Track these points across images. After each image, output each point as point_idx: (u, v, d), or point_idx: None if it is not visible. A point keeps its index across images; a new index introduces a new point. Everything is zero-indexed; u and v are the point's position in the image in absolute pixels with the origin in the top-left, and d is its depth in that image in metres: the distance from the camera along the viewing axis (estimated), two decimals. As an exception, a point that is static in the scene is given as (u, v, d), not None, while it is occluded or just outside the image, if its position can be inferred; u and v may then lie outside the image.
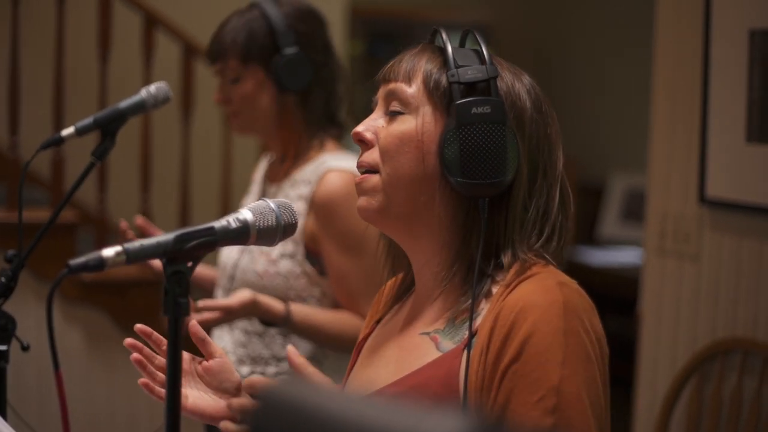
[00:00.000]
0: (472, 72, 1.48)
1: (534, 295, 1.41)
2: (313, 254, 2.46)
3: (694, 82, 3.15)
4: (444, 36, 1.53)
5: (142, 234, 2.49)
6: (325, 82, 2.55)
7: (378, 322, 1.71)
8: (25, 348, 1.97)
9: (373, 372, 1.59)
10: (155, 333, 1.64)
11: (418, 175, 1.49)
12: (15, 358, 1.98)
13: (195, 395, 1.63)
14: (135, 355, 1.61)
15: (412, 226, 1.53)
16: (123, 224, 2.41)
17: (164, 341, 1.62)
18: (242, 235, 1.40)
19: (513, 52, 8.32)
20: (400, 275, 1.69)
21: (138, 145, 4.40)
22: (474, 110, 1.45)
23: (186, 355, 1.63)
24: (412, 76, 1.53)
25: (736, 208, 3.02)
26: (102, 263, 1.27)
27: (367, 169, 1.54)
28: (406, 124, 1.51)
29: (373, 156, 1.54)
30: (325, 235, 2.43)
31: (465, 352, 1.43)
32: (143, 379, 1.62)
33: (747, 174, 2.97)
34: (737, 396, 2.97)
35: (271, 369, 2.47)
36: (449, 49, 1.51)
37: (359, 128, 1.56)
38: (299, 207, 2.44)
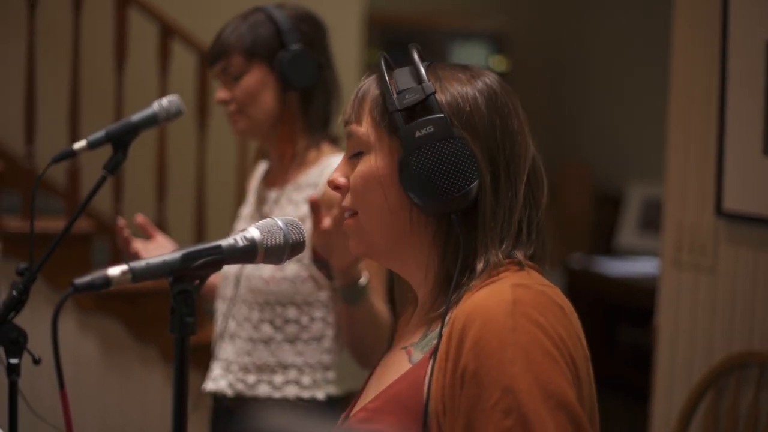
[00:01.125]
0: (409, 95, 1.48)
1: (483, 299, 1.41)
2: (320, 258, 2.44)
3: (710, 93, 3.13)
4: (382, 63, 1.53)
5: (142, 233, 2.49)
6: (325, 85, 2.54)
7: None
8: (36, 362, 1.97)
9: (366, 392, 1.60)
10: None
11: (387, 210, 1.51)
12: (30, 370, 1.98)
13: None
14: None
15: (398, 255, 1.55)
16: (121, 222, 2.40)
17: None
18: (250, 253, 1.39)
19: (528, 61, 8.33)
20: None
21: (154, 155, 4.41)
22: (417, 134, 1.45)
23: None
24: (361, 115, 1.55)
25: (753, 221, 3.00)
26: (108, 282, 1.27)
27: (350, 213, 1.57)
28: (366, 163, 1.53)
29: (348, 200, 1.56)
30: None
31: (431, 360, 1.43)
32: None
33: (764, 186, 2.95)
34: (753, 410, 2.95)
35: (278, 378, 2.46)
36: (386, 77, 1.51)
37: (332, 176, 1.58)
38: (306, 210, 2.41)
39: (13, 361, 1.94)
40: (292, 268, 2.43)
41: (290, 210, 2.47)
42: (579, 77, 7.98)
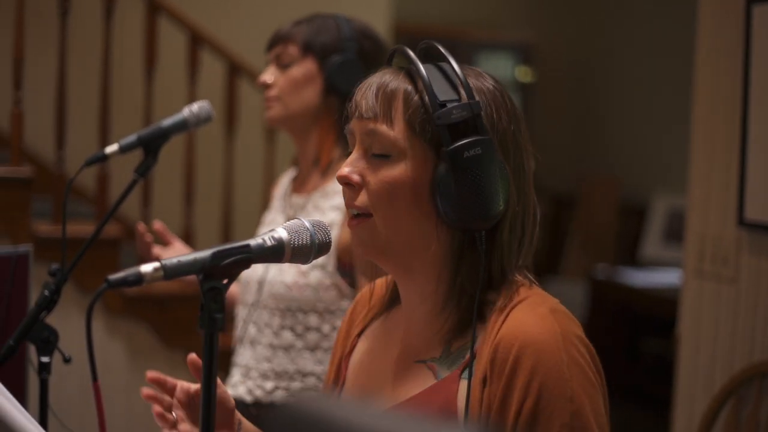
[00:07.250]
0: (457, 112, 1.44)
1: (531, 327, 1.42)
2: (345, 266, 2.43)
3: (734, 105, 3.15)
4: (419, 64, 1.49)
5: (160, 239, 2.52)
6: None
7: (359, 335, 1.69)
8: (66, 360, 2.01)
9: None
10: (168, 379, 1.64)
11: (413, 219, 1.48)
12: (57, 370, 2.02)
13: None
14: (147, 391, 1.62)
15: (409, 263, 1.52)
16: (141, 227, 2.44)
17: (176, 385, 1.66)
18: (277, 252, 1.41)
19: (554, 72, 8.34)
20: (382, 290, 1.69)
21: (182, 160, 4.46)
22: (466, 154, 1.44)
23: (194, 386, 1.65)
24: (393, 117, 1.49)
25: (775, 231, 3.01)
26: (140, 278, 1.29)
27: (359, 213, 1.52)
28: (396, 169, 1.49)
29: (363, 199, 1.51)
30: None
31: (462, 377, 1.45)
32: (158, 409, 1.65)
33: (786, 197, 2.97)
34: (774, 419, 2.96)
35: (296, 384, 2.46)
36: (427, 81, 1.47)
37: (345, 171, 1.52)
38: (333, 217, 2.43)
39: (45, 359, 1.98)
40: (315, 275, 2.44)
41: (316, 216, 2.48)
42: (604, 89, 7.99)
